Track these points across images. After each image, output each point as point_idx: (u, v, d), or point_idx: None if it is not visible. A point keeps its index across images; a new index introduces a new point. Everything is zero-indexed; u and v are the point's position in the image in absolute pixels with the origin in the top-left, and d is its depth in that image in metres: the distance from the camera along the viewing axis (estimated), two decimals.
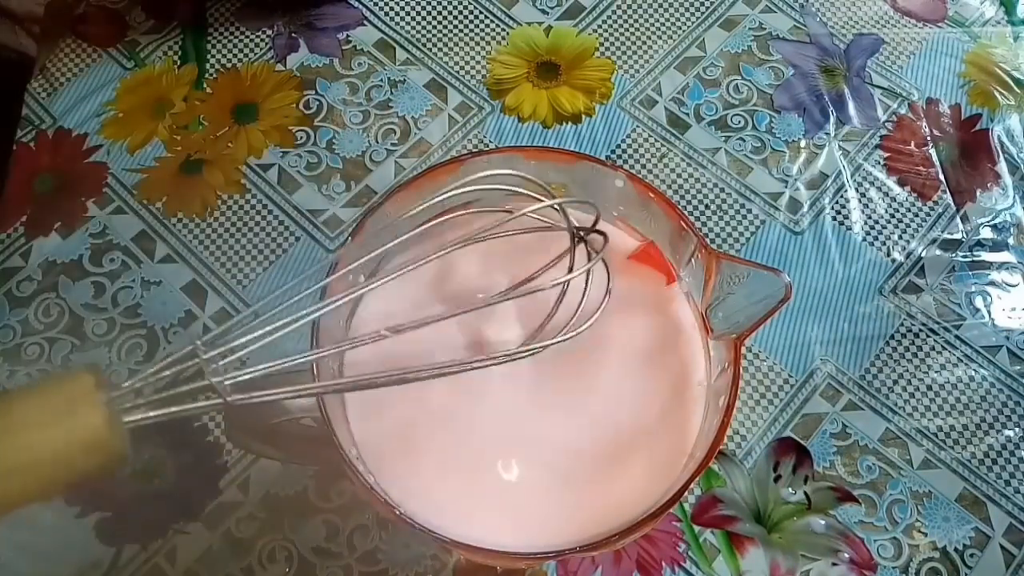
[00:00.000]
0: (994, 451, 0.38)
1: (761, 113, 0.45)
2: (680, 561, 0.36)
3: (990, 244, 0.43)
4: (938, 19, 0.49)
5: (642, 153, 0.44)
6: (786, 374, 0.39)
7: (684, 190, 0.43)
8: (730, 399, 0.25)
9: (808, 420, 0.39)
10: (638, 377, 0.29)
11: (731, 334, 0.26)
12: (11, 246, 0.41)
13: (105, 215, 0.42)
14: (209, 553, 0.35)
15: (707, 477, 0.37)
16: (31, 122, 0.45)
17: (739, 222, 0.43)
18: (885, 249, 0.42)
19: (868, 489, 0.37)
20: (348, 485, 0.36)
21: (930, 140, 0.45)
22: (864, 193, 0.44)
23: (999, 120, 0.46)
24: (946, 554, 0.36)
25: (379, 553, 0.36)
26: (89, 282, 0.41)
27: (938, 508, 0.37)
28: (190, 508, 0.36)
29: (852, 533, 0.36)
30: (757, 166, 0.44)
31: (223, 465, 0.37)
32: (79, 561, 0.35)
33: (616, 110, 0.45)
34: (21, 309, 0.40)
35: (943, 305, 0.41)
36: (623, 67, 0.47)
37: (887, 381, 0.39)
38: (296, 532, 0.36)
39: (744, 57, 0.47)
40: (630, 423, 0.28)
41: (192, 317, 0.40)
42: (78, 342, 0.39)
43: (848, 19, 0.49)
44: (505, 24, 0.48)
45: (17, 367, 0.39)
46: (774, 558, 0.36)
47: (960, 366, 0.40)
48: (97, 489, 0.36)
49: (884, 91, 0.46)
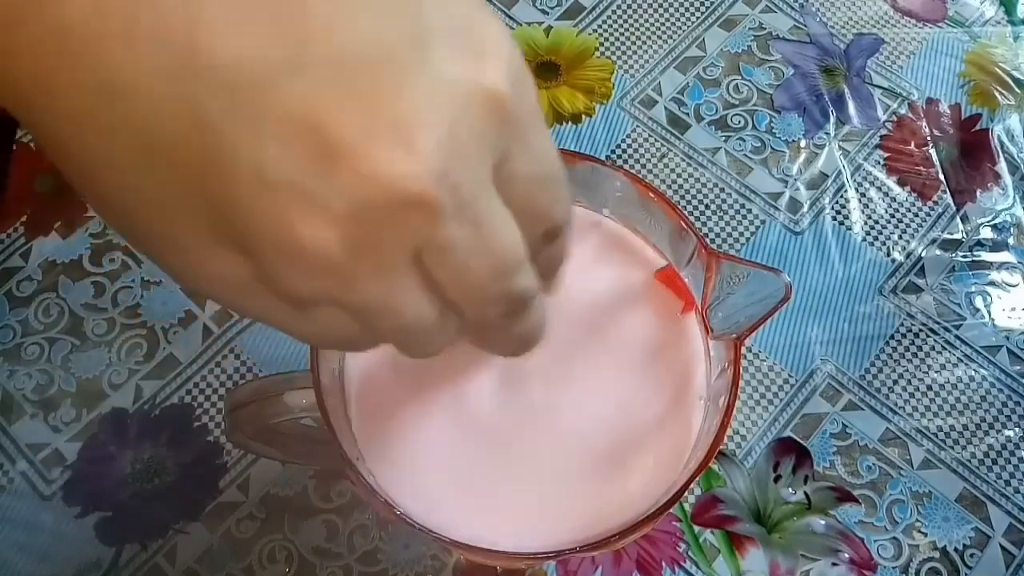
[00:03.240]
0: (994, 451, 0.38)
1: (761, 113, 0.45)
2: (680, 561, 0.36)
3: (990, 244, 0.43)
4: (938, 19, 0.49)
5: (642, 153, 0.44)
6: (786, 374, 0.39)
7: (684, 190, 0.43)
8: (730, 399, 0.25)
9: (808, 420, 0.39)
10: (638, 378, 0.29)
11: (731, 334, 0.26)
12: (11, 246, 0.41)
13: None
14: (209, 553, 0.35)
15: (707, 477, 0.37)
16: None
17: (739, 222, 0.43)
18: (885, 249, 0.42)
19: (868, 489, 0.37)
20: (348, 485, 0.36)
21: (930, 140, 0.45)
22: (864, 193, 0.44)
23: (999, 120, 0.46)
24: (946, 554, 0.36)
25: (379, 553, 0.36)
26: (89, 282, 0.41)
27: (938, 508, 0.37)
28: (190, 508, 0.36)
29: (852, 533, 0.36)
30: (757, 166, 0.44)
31: (223, 465, 0.37)
32: (79, 561, 0.35)
33: (616, 110, 0.45)
34: (21, 309, 0.40)
35: (943, 305, 0.41)
36: (623, 67, 0.47)
37: (887, 381, 0.39)
38: (296, 532, 0.36)
39: (744, 57, 0.47)
40: (630, 423, 0.28)
41: (192, 317, 0.40)
42: (78, 342, 0.39)
43: (848, 19, 0.49)
44: (505, 24, 0.48)
45: (17, 367, 0.39)
46: (774, 558, 0.36)
47: (960, 366, 0.40)
48: (97, 489, 0.36)
49: (884, 91, 0.47)
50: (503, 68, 0.16)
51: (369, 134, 0.15)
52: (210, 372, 0.39)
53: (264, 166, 0.14)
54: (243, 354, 0.39)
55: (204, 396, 0.38)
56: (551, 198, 0.19)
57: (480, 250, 0.17)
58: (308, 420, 0.27)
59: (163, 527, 0.36)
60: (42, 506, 0.36)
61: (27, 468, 0.37)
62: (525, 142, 0.17)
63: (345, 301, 0.17)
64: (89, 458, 0.37)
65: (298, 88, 0.14)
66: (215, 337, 0.39)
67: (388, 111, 0.15)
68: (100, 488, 0.36)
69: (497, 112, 0.16)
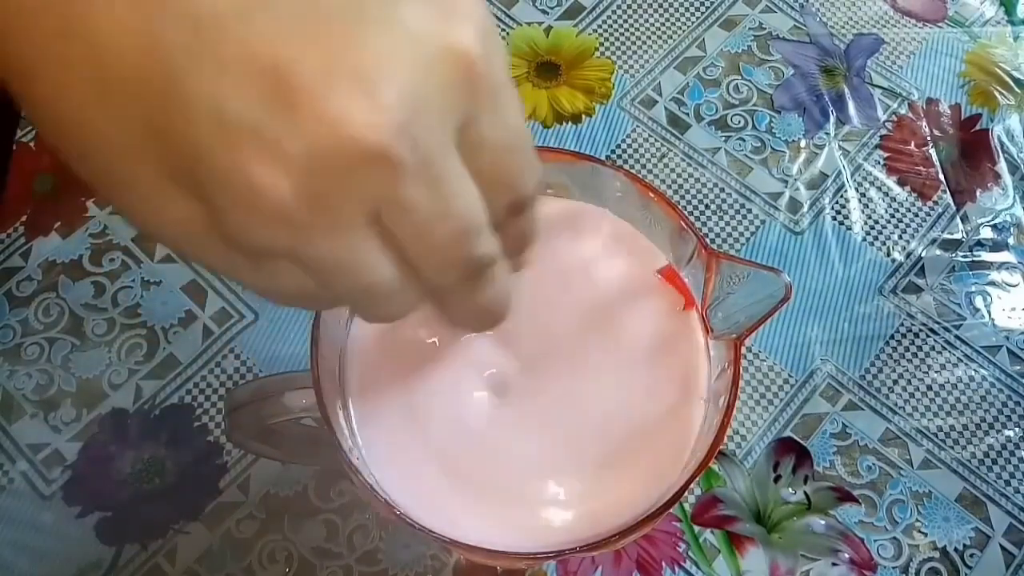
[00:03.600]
0: (994, 451, 0.38)
1: (761, 113, 0.45)
2: (680, 561, 0.36)
3: (990, 244, 0.43)
4: (938, 19, 0.49)
5: (642, 153, 0.44)
6: (786, 374, 0.39)
7: (684, 190, 0.43)
8: (730, 399, 0.25)
9: (808, 420, 0.39)
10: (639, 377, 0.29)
11: (731, 334, 0.26)
12: (11, 246, 0.41)
13: (105, 215, 0.42)
14: (209, 553, 0.35)
15: (707, 477, 0.37)
16: (31, 122, 0.45)
17: (739, 222, 0.43)
18: (885, 249, 0.42)
19: (868, 489, 0.37)
20: (348, 485, 0.36)
21: (930, 140, 0.45)
22: (864, 193, 0.44)
23: (999, 120, 0.46)
24: (946, 554, 0.36)
25: (379, 553, 0.36)
26: (89, 282, 0.41)
27: (938, 508, 0.37)
28: (190, 508, 0.36)
29: (852, 533, 0.36)
30: (757, 166, 0.44)
31: (223, 465, 0.37)
32: (79, 561, 0.35)
33: (616, 110, 0.45)
34: (21, 309, 0.40)
35: (943, 305, 0.41)
36: (623, 67, 0.47)
37: (887, 381, 0.39)
38: (296, 532, 0.36)
39: (744, 57, 0.47)
40: (631, 423, 0.28)
41: (192, 317, 0.40)
42: (78, 342, 0.39)
43: (848, 19, 0.49)
44: (505, 24, 0.48)
45: (17, 367, 0.39)
46: (774, 558, 0.36)
47: (960, 366, 0.40)
48: (97, 489, 0.36)
49: (884, 91, 0.47)
50: (474, 29, 0.16)
51: (330, 80, 0.14)
52: (210, 372, 0.39)
53: (221, 105, 0.14)
54: (243, 354, 0.39)
55: (204, 396, 0.38)
56: (517, 167, 0.19)
57: (439, 212, 0.16)
58: (308, 420, 0.27)
59: (163, 527, 0.36)
60: (42, 506, 0.36)
61: (27, 468, 0.37)
62: (493, 107, 0.17)
63: (299, 255, 0.16)
64: (89, 458, 0.37)
65: (261, 28, 0.14)
66: (215, 337, 0.39)
67: (352, 59, 0.14)
68: (100, 488, 0.36)
69: (464, 72, 0.16)
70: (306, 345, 0.25)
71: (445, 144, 0.16)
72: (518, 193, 0.19)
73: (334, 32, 0.14)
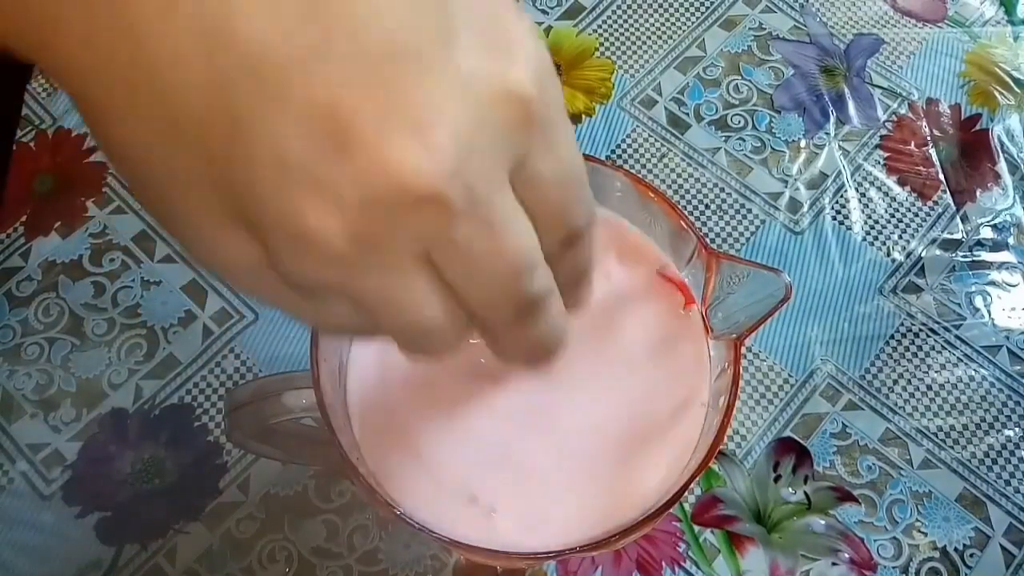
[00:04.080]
0: (994, 451, 0.38)
1: (761, 113, 0.45)
2: (680, 561, 0.36)
3: (990, 244, 0.43)
4: (938, 19, 0.49)
5: (642, 153, 0.44)
6: (786, 374, 0.39)
7: (684, 190, 0.43)
8: (730, 399, 0.25)
9: (808, 420, 0.39)
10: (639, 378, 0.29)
11: (731, 334, 0.26)
12: (11, 246, 0.41)
13: (105, 215, 0.42)
14: (209, 553, 0.35)
15: (707, 477, 0.37)
16: (31, 122, 0.45)
17: (739, 222, 0.43)
18: (885, 249, 0.42)
19: (868, 489, 0.37)
20: (348, 485, 0.36)
21: (930, 140, 0.45)
22: (864, 193, 0.44)
23: (999, 120, 0.46)
24: (946, 554, 0.36)
25: (379, 553, 0.36)
26: (89, 282, 0.41)
27: (938, 508, 0.37)
28: (190, 508, 0.36)
29: (852, 533, 0.36)
30: (757, 166, 0.44)
31: (223, 465, 0.37)
32: (79, 561, 0.35)
33: (616, 110, 0.45)
34: (21, 309, 0.40)
35: (943, 305, 0.41)
36: (623, 67, 0.47)
37: (887, 381, 0.39)
38: (296, 532, 0.36)
39: (744, 57, 0.47)
40: (632, 423, 0.28)
41: (192, 317, 0.40)
42: (78, 342, 0.39)
43: (848, 19, 0.49)
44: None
45: (17, 367, 0.39)
46: (774, 558, 0.36)
47: (960, 366, 0.40)
48: (97, 489, 0.36)
49: (884, 91, 0.47)
50: (529, 68, 0.16)
51: (385, 125, 0.15)
52: (210, 372, 0.39)
53: (282, 149, 0.15)
54: (243, 354, 0.39)
55: (204, 396, 0.38)
56: (571, 201, 0.19)
57: (491, 250, 0.17)
58: (308, 420, 0.27)
59: (163, 527, 0.36)
60: (42, 506, 0.36)
61: (27, 468, 0.37)
62: (548, 144, 0.17)
63: (349, 292, 0.17)
64: (89, 458, 0.37)
65: (321, 75, 0.14)
66: (215, 337, 0.39)
67: (407, 104, 0.15)
68: (100, 488, 0.36)
69: (520, 113, 0.16)
70: (306, 345, 0.25)
71: (499, 183, 0.17)
72: (572, 226, 0.19)
73: (390, 77, 0.15)
